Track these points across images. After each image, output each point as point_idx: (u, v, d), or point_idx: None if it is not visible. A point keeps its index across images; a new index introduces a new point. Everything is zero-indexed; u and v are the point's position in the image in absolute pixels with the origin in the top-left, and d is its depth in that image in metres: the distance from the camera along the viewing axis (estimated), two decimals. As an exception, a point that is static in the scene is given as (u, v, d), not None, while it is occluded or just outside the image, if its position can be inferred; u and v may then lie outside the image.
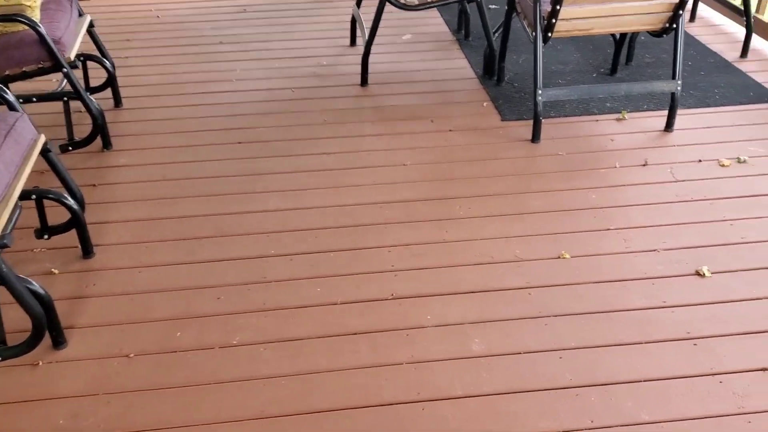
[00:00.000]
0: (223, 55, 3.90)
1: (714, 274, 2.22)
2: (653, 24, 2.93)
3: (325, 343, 1.99)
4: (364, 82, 3.52)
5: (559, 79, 3.50)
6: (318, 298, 2.16)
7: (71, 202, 2.24)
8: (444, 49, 3.92)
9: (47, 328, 1.93)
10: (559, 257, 2.30)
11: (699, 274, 2.22)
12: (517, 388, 1.84)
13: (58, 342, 1.99)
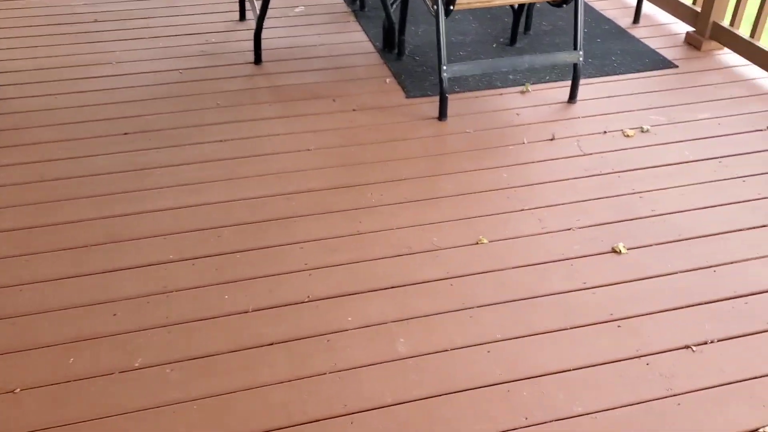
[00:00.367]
0: (100, 35, 3.56)
1: (630, 250, 2.21)
2: (554, -6, 2.89)
3: (238, 358, 1.83)
4: (258, 60, 3.31)
5: (460, 51, 3.42)
6: (227, 307, 1.99)
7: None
8: (340, 21, 3.75)
9: None
10: (477, 243, 2.23)
11: (615, 251, 2.21)
12: (448, 389, 1.75)
13: (-73, 383, 1.74)
